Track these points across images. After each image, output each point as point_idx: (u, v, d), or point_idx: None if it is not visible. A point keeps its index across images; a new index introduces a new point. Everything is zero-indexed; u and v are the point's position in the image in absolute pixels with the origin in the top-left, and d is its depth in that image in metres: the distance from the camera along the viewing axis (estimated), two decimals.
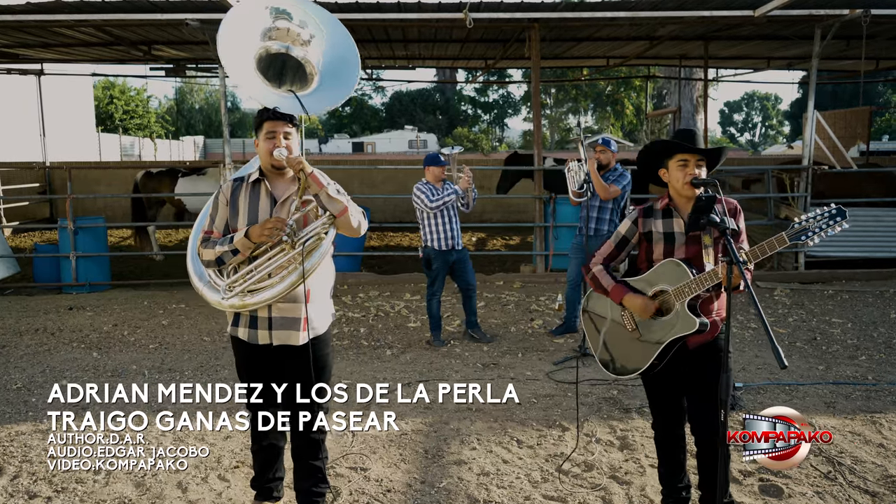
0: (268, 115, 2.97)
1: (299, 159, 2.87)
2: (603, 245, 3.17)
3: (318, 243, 2.92)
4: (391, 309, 7.61)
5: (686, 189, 2.90)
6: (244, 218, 2.98)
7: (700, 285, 2.81)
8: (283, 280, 2.89)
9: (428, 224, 6.19)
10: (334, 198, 2.92)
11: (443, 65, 14.78)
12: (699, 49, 12.23)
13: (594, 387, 5.13)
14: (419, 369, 5.54)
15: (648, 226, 3.04)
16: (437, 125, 48.60)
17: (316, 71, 3.28)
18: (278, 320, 3.00)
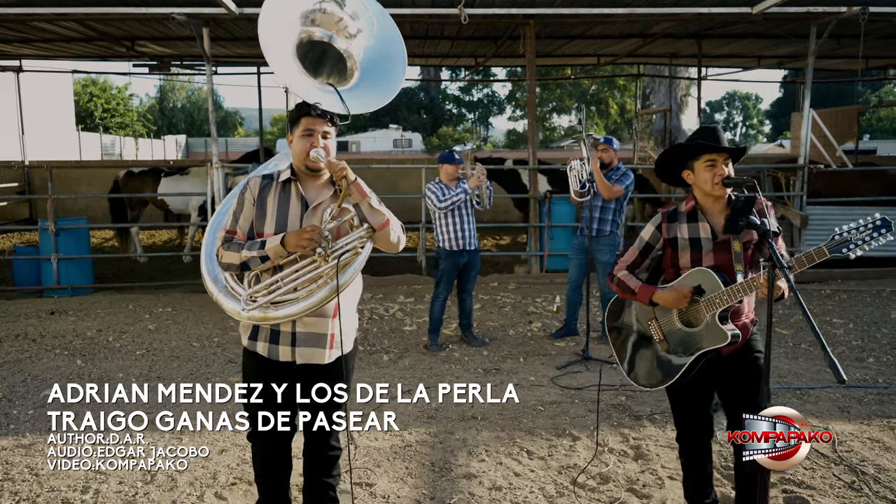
0: (307, 110, 2.70)
1: (343, 165, 2.61)
2: (626, 252, 3.00)
3: (353, 258, 2.68)
4: (385, 312, 7.41)
5: (716, 190, 2.73)
6: (272, 221, 2.73)
7: (733, 297, 2.65)
8: (311, 295, 2.65)
9: (439, 224, 6.02)
10: (376, 209, 2.69)
11: (431, 63, 14.60)
12: (690, 47, 12.14)
13: (602, 393, 4.96)
14: (419, 375, 5.35)
15: (673, 231, 2.86)
16: (422, 124, 48.34)
17: (357, 66, 3.03)
18: (303, 336, 2.75)
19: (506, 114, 53.13)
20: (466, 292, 6.21)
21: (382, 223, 2.69)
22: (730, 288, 2.65)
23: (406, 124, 47.56)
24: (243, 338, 2.84)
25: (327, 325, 2.77)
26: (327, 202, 2.74)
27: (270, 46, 2.86)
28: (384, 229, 2.70)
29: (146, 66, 13.14)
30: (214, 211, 3.22)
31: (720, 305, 2.68)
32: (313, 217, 2.71)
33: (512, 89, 46.89)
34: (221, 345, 6.18)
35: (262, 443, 2.90)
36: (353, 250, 2.68)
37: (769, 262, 2.36)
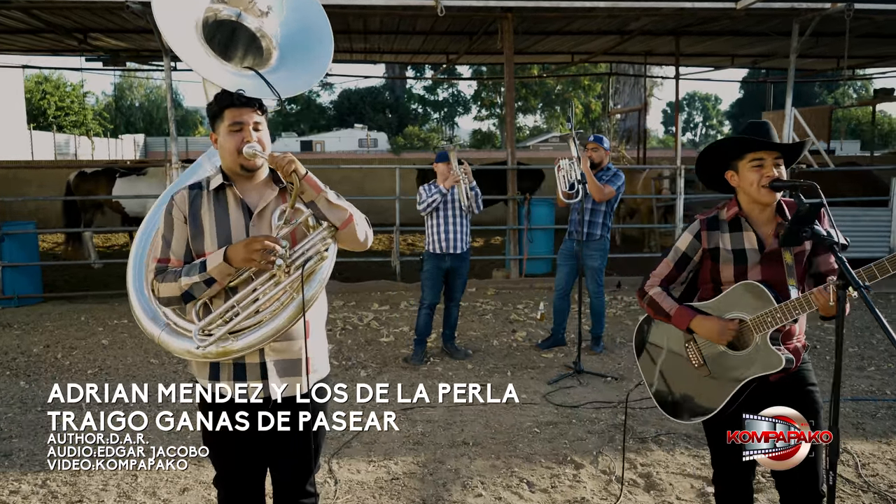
0: (230, 100, 2.26)
1: (290, 157, 2.20)
2: (659, 264, 2.62)
3: (318, 265, 2.27)
4: (359, 322, 6.97)
5: (763, 194, 2.36)
6: (213, 238, 2.28)
7: (788, 315, 2.30)
8: (276, 316, 2.23)
9: (427, 225, 5.71)
10: (336, 204, 2.28)
11: (402, 59, 14.15)
12: (666, 45, 11.92)
13: (599, 411, 4.61)
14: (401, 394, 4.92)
15: (714, 241, 2.49)
16: (388, 123, 47.81)
17: (274, 46, 2.59)
18: (275, 366, 2.33)
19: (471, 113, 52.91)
20: (453, 301, 5.82)
21: (346, 219, 2.29)
22: (784, 305, 2.31)
23: (371, 124, 47.01)
24: (200, 379, 2.38)
25: (300, 348, 2.36)
26: (273, 204, 2.31)
27: (171, 29, 2.40)
28: (348, 226, 2.30)
29: (100, 59, 12.44)
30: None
31: (772, 325, 2.33)
32: (261, 224, 2.29)
33: (477, 89, 46.65)
34: (182, 361, 5.67)
35: (230, 489, 2.46)
36: (318, 255, 2.27)
37: (841, 279, 2.01)
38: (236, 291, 2.26)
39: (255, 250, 2.17)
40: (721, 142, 2.45)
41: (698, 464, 3.83)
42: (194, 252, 2.29)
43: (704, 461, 3.86)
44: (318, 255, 2.28)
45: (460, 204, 5.61)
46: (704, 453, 3.94)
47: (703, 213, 2.58)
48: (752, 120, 2.48)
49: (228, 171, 2.33)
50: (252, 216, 2.30)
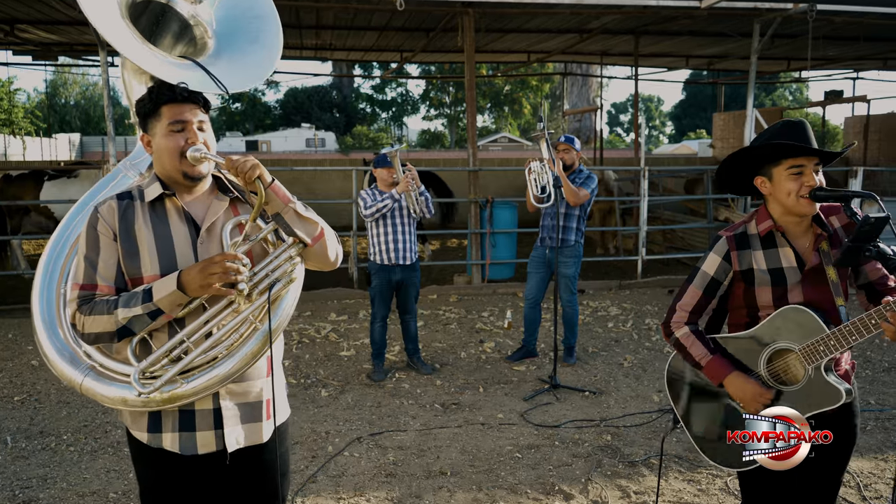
0: (170, 95, 1.87)
1: (254, 162, 1.81)
2: (684, 293, 2.27)
3: (286, 289, 1.90)
4: (317, 333, 6.54)
5: (803, 205, 2.08)
6: (153, 259, 1.87)
7: (843, 342, 2.00)
8: (235, 351, 1.85)
9: (371, 234, 5.26)
10: (306, 217, 1.91)
11: (354, 57, 13.69)
12: (624, 45, 11.80)
13: (582, 430, 4.31)
14: (366, 416, 4.54)
15: (746, 261, 2.19)
16: (335, 123, 47.08)
17: (210, 34, 2.20)
18: (232, 411, 1.95)
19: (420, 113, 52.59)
20: (409, 314, 5.44)
21: (316, 234, 1.93)
22: (838, 330, 2.01)
23: (319, 123, 46.20)
24: (134, 431, 1.95)
25: (260, 389, 1.99)
26: (224, 218, 1.94)
27: (94, 8, 2.00)
28: (319, 242, 1.94)
29: (28, 53, 11.63)
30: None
31: (825, 355, 2.04)
32: (211, 241, 1.92)
33: (426, 88, 46.32)
34: None
35: None
36: (285, 278, 1.90)
37: None
38: (184, 324, 1.86)
39: (214, 273, 1.79)
40: (757, 146, 2.14)
41: (695, 490, 3.56)
42: (128, 276, 1.88)
43: (700, 486, 3.59)
44: (285, 278, 1.91)
45: (408, 210, 5.24)
46: (700, 477, 3.67)
47: (726, 228, 2.27)
48: (788, 119, 2.17)
49: (168, 179, 1.93)
50: (200, 232, 1.91)
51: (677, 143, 53.58)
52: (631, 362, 5.70)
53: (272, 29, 2.29)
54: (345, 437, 4.16)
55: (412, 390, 5.05)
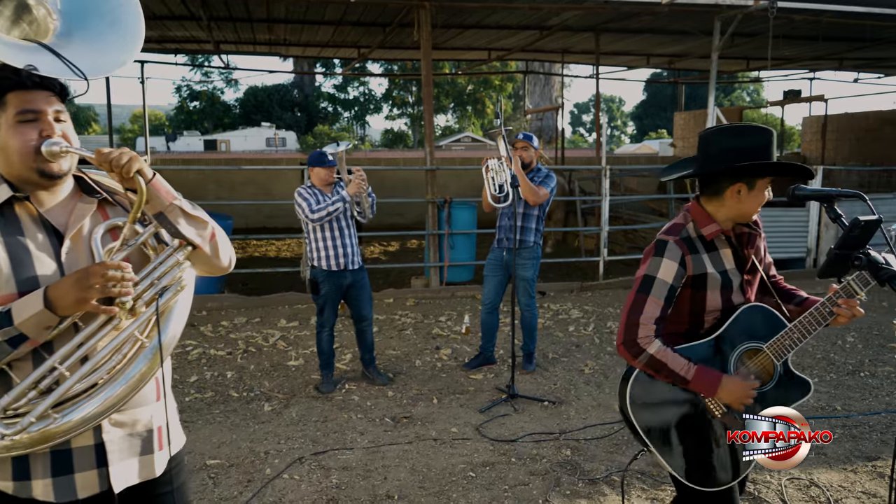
0: (16, 80, 1.55)
1: (131, 154, 1.52)
2: (645, 305, 2.06)
3: (174, 298, 1.62)
4: (264, 342, 6.19)
5: (756, 215, 2.12)
6: (7, 275, 1.53)
7: (807, 332, 2.04)
8: (118, 375, 1.56)
9: (314, 238, 4.89)
10: (194, 216, 1.63)
11: (310, 53, 13.33)
12: (585, 43, 11.65)
13: (540, 445, 4.06)
14: (311, 432, 4.23)
15: (699, 265, 2.09)
16: (296, 122, 46.39)
17: (54, 15, 1.87)
18: (117, 444, 1.65)
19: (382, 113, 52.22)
20: (365, 321, 5.14)
21: (208, 235, 1.67)
22: (798, 322, 2.04)
23: (279, 122, 45.50)
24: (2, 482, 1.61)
25: (150, 416, 1.71)
26: (91, 223, 1.64)
27: None
28: (210, 243, 1.67)
29: None
30: None
31: (792, 348, 2.07)
32: (78, 251, 1.61)
33: (389, 87, 45.95)
34: None
35: None
36: (174, 285, 1.62)
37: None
38: (52, 348, 1.55)
39: (93, 286, 1.48)
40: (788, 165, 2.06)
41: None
42: None
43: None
44: (175, 286, 1.63)
45: (351, 212, 4.94)
46: (664, 495, 3.45)
47: (666, 232, 2.12)
48: (767, 128, 2.08)
49: (17, 181, 1.60)
50: (63, 241, 1.60)
51: (639, 143, 54.06)
52: (592, 368, 5.48)
53: (131, 10, 1.96)
54: (285, 458, 3.85)
55: (362, 403, 4.75)
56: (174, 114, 50.05)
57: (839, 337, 6.35)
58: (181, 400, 4.74)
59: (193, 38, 11.02)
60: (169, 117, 53.89)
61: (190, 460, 3.80)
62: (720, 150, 2.05)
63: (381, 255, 11.58)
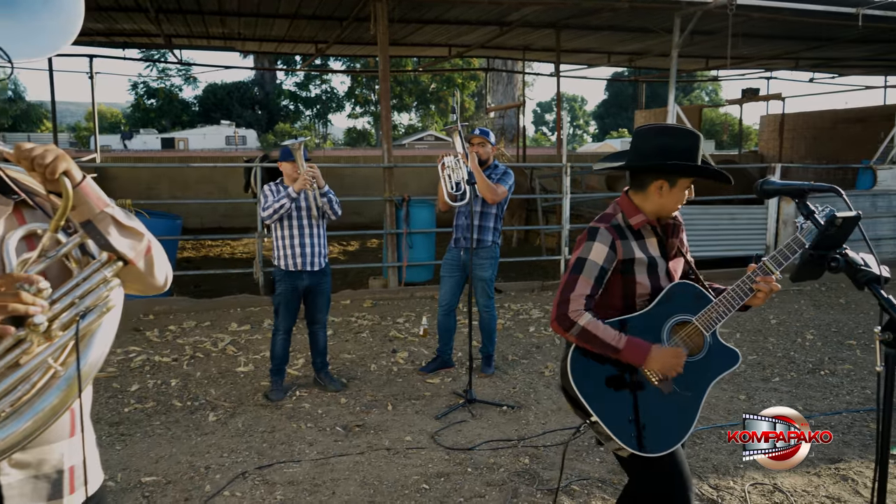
0: None
1: (58, 152, 1.30)
2: (576, 284, 2.18)
3: (98, 321, 1.38)
4: (213, 347, 5.93)
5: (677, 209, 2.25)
6: None
7: (732, 305, 2.14)
8: (26, 408, 1.32)
9: (274, 236, 4.75)
10: (129, 227, 1.40)
11: (266, 48, 12.99)
12: (546, 39, 11.54)
13: (497, 453, 3.90)
14: (256, 444, 4.00)
15: (628, 250, 2.23)
16: (257, 120, 45.67)
17: None
18: (20, 488, 1.41)
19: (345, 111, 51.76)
20: (318, 324, 4.93)
21: (143, 249, 1.43)
22: (723, 297, 2.16)
23: (240, 120, 44.75)
24: None
25: (61, 455, 1.47)
26: (5, 227, 1.40)
27: None
28: (146, 258, 1.44)
29: None
30: None
31: (718, 320, 2.17)
32: None
33: (351, 85, 45.50)
34: None
35: None
36: (100, 305, 1.39)
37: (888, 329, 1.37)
38: None
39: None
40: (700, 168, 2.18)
41: None
42: None
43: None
44: (100, 306, 1.39)
45: (318, 212, 4.74)
46: None
47: (599, 220, 2.25)
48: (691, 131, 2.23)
49: None
50: None
51: (601, 141, 54.50)
52: (552, 370, 5.34)
53: None
54: (227, 473, 3.62)
55: (313, 411, 4.53)
56: (131, 111, 48.90)
57: (798, 335, 6.33)
58: (119, 411, 4.47)
59: (143, 31, 10.63)
60: (126, 115, 52.63)
61: (124, 477, 3.56)
62: (649, 148, 2.18)
63: (339, 255, 11.33)
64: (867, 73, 16.18)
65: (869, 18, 8.36)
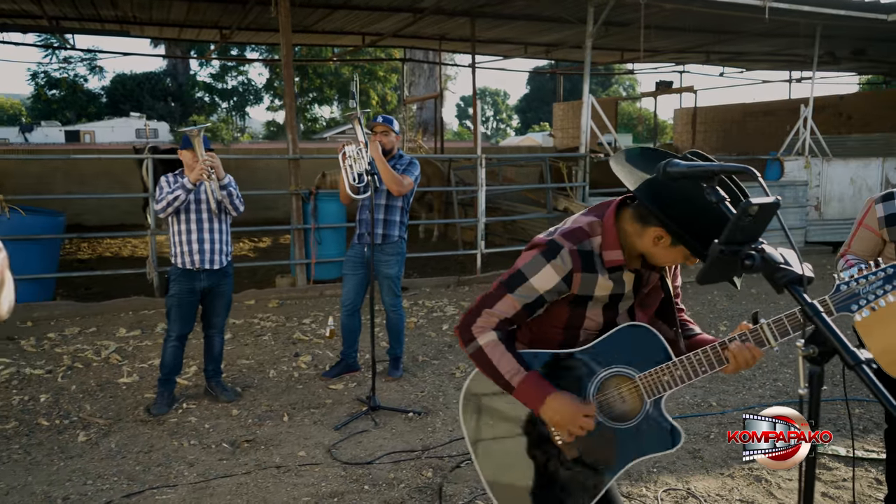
0: None
1: None
2: (500, 300, 1.75)
3: None
4: (96, 356, 5.39)
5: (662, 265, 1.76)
6: None
7: (693, 373, 1.70)
8: None
9: (171, 231, 4.33)
10: None
11: (167, 34, 12.25)
12: (461, 28, 11.28)
13: (399, 466, 3.59)
14: (128, 467, 3.56)
15: (588, 287, 1.74)
16: (170, 113, 43.82)
17: None
18: None
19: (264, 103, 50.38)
20: (214, 329, 4.52)
21: None
22: (686, 359, 1.70)
23: (151, 113, 42.81)
24: None
25: None
26: None
27: None
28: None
29: None
30: None
31: (670, 386, 1.72)
32: None
33: (270, 77, 44.22)
34: None
35: None
36: None
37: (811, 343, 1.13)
38: None
39: None
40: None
41: None
42: None
43: None
44: None
45: (219, 206, 4.32)
46: None
47: (565, 234, 1.72)
48: None
49: None
50: None
51: (523, 135, 55.00)
52: (464, 371, 5.08)
53: None
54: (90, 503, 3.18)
55: (199, 425, 4.11)
56: (31, 102, 46.17)
57: (712, 326, 6.28)
58: None
59: (24, 13, 9.77)
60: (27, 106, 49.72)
61: None
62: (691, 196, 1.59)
63: (250, 253, 10.79)
64: (773, 67, 16.69)
65: (775, 11, 8.46)
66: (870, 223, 2.66)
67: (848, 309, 1.52)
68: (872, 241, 2.67)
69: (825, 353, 1.21)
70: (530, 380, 1.70)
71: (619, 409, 1.77)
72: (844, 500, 3.24)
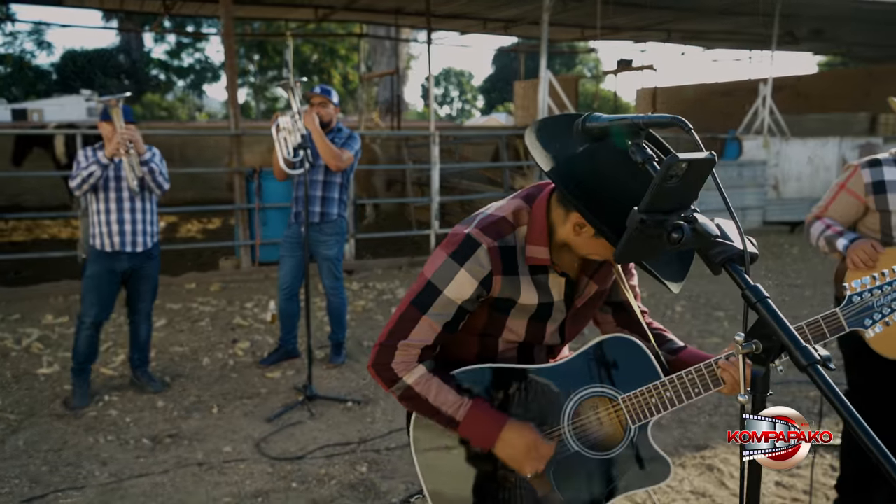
0: None
1: None
2: (415, 326, 1.43)
3: None
4: (16, 345, 5.02)
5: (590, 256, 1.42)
6: None
7: (685, 396, 1.46)
8: None
9: (89, 210, 4.00)
10: None
11: (109, 6, 11.66)
12: (418, 3, 10.93)
13: (331, 461, 3.35)
14: (34, 467, 3.26)
15: (511, 290, 1.45)
16: (123, 91, 42.51)
17: None
18: None
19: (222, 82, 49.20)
20: (139, 315, 4.20)
21: None
22: (678, 378, 1.45)
23: (103, 90, 41.47)
24: None
25: None
26: None
27: None
28: None
29: None
30: None
31: (659, 410, 1.47)
32: None
33: None
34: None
35: None
36: None
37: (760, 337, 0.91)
38: None
39: None
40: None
41: None
42: None
43: None
44: None
45: (137, 182, 3.98)
46: None
47: (483, 227, 1.41)
48: None
49: None
50: None
51: (488, 115, 54.76)
52: None
53: None
54: None
55: (120, 419, 3.81)
56: None
57: (668, 307, 6.14)
58: None
59: None
60: None
61: None
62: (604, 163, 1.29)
63: (198, 234, 10.37)
64: (733, 46, 16.64)
65: None
66: (854, 188, 2.46)
67: (861, 324, 1.32)
68: (854, 207, 2.47)
69: (770, 350, 0.98)
70: (476, 413, 1.43)
71: (595, 436, 1.51)
72: (799, 489, 3.10)
